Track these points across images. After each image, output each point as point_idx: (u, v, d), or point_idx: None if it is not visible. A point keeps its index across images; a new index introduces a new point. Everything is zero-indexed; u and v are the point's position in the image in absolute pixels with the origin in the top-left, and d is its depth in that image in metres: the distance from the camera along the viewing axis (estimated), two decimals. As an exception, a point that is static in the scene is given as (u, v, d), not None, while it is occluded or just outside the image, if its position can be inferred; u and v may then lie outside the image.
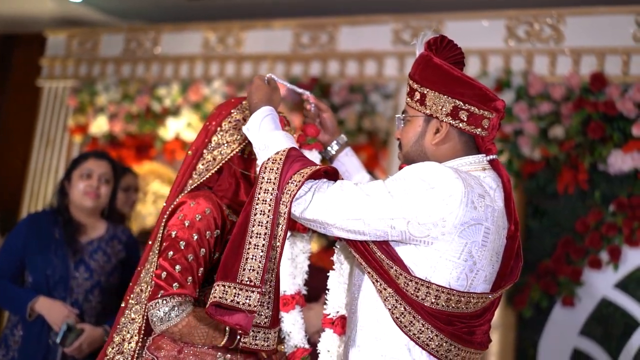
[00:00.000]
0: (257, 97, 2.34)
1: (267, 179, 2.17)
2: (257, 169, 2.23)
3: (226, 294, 2.09)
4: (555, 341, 4.64)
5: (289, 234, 2.42)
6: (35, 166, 6.50)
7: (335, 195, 2.15)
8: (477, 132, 2.22)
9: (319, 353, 2.39)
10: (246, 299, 2.09)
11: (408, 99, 2.28)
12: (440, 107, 2.20)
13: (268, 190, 2.16)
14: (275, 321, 2.20)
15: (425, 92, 2.21)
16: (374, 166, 5.35)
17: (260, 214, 2.15)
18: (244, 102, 2.46)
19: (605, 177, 4.60)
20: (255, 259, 2.12)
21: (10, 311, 3.50)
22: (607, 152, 4.49)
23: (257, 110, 2.30)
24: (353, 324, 2.25)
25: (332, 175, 2.25)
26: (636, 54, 4.64)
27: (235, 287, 2.09)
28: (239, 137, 2.40)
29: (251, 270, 2.11)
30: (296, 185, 2.15)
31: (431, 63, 2.23)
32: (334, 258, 2.41)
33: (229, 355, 2.28)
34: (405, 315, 2.13)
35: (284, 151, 2.21)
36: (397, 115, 2.36)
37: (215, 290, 2.10)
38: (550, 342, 4.65)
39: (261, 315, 2.16)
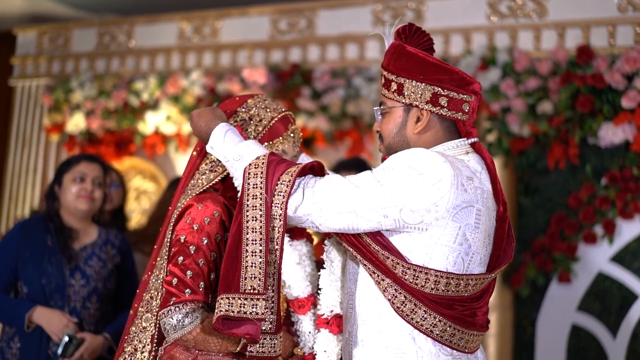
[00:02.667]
0: (203, 121, 2.30)
1: (254, 184, 2.14)
2: (236, 181, 2.19)
3: (232, 306, 2.06)
4: (553, 318, 4.62)
5: (291, 241, 2.37)
6: (13, 168, 6.37)
7: (325, 190, 2.13)
8: (458, 117, 2.23)
9: (316, 354, 2.35)
10: (253, 307, 2.07)
11: (384, 91, 2.28)
12: (419, 96, 2.21)
13: (256, 195, 2.13)
14: (279, 326, 2.18)
15: (402, 81, 2.22)
16: (359, 151, 5.29)
17: (252, 220, 2.11)
18: (249, 101, 2.38)
19: (595, 151, 4.57)
20: (254, 266, 2.09)
21: (6, 324, 3.38)
22: (597, 126, 4.45)
23: (214, 129, 2.26)
24: (353, 320, 2.23)
25: (318, 170, 2.23)
26: (622, 25, 4.60)
27: (239, 298, 2.07)
28: (245, 138, 2.32)
29: (253, 278, 2.08)
30: (287, 185, 2.13)
31: (405, 52, 2.23)
32: (324, 256, 2.38)
33: (219, 299, 2.20)
34: (406, 304, 2.13)
35: (264, 156, 2.18)
36: (374, 108, 2.36)
37: (220, 304, 2.07)
38: (549, 319, 4.63)
39: (266, 321, 2.14)
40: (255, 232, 2.10)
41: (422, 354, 2.14)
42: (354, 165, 3.88)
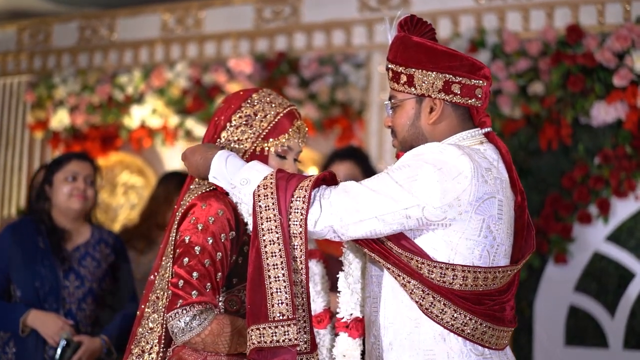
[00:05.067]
0: (198, 154, 2.23)
1: (265, 207, 2.07)
2: (242, 206, 2.15)
3: (263, 337, 2.02)
4: (550, 300, 4.60)
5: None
6: (-4, 167, 6.30)
7: (342, 199, 2.08)
8: (472, 103, 2.19)
9: (334, 358, 2.31)
10: (285, 334, 2.02)
11: (394, 84, 2.24)
12: (430, 85, 2.17)
13: (270, 217, 2.07)
14: (314, 345, 2.11)
15: (412, 72, 2.18)
16: (349, 138, 5.24)
17: (270, 244, 2.06)
18: (253, 95, 2.32)
19: (587, 130, 4.55)
20: (280, 291, 2.03)
21: (1, 328, 3.32)
22: (589, 105, 4.43)
23: (212, 159, 2.19)
24: (378, 324, 2.19)
25: (330, 180, 2.17)
26: (611, 3, 4.57)
27: (270, 327, 2.02)
28: (251, 134, 2.28)
29: (280, 304, 2.03)
30: (303, 202, 2.07)
31: (411, 42, 2.19)
32: (342, 259, 2.33)
33: (250, 331, 2.16)
34: (435, 305, 2.09)
35: (271, 175, 2.11)
36: (385, 102, 2.31)
37: (251, 336, 2.03)
38: (546, 301, 4.62)
39: (301, 341, 2.08)
40: (275, 255, 2.05)
41: (452, 354, 2.10)
42: (348, 154, 3.83)
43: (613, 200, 4.47)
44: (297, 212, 2.06)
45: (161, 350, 2.20)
